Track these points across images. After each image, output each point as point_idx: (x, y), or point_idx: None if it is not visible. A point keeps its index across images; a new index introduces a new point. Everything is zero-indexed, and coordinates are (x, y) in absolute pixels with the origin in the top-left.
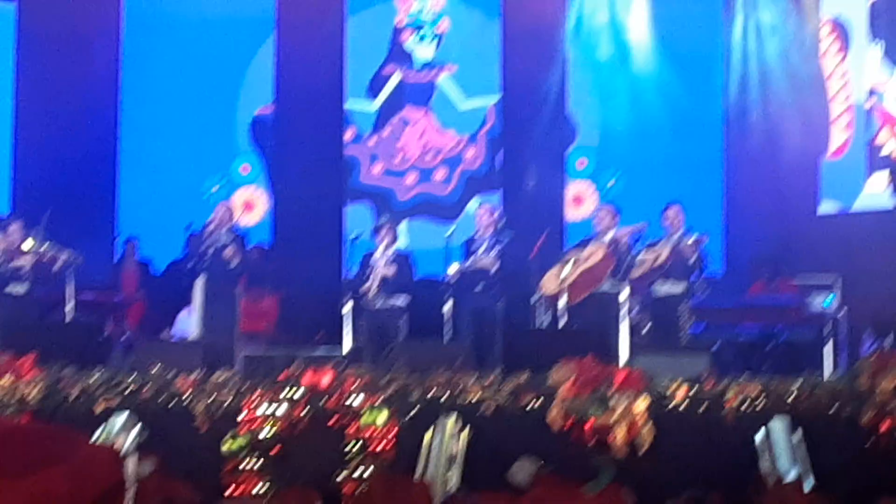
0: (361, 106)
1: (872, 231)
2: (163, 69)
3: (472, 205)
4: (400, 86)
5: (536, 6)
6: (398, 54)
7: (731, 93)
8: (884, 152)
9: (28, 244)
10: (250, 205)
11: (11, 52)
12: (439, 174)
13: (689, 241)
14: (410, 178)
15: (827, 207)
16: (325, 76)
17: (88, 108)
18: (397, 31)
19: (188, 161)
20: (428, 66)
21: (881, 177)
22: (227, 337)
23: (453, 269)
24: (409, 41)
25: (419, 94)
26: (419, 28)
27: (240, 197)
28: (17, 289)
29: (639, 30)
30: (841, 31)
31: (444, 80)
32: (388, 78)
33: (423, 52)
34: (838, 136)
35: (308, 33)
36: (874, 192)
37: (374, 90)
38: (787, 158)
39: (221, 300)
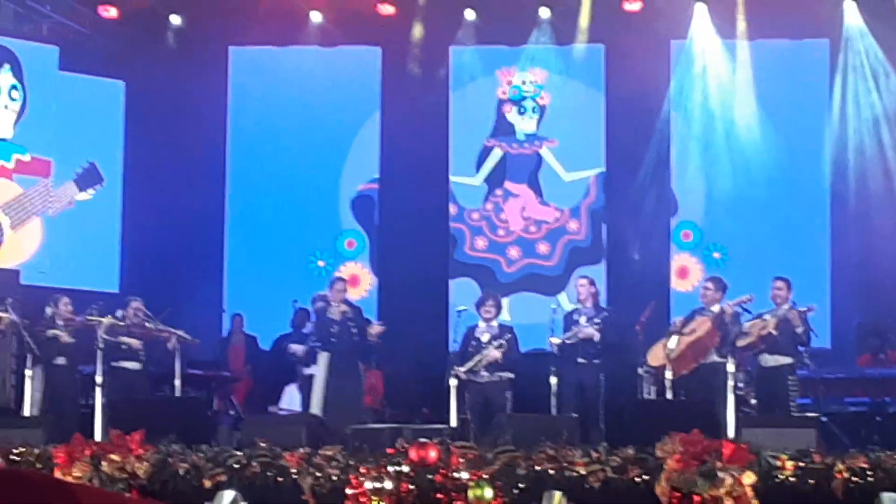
0: (464, 179)
1: None
2: (269, 145)
3: (575, 277)
4: (503, 159)
5: (638, 79)
6: (501, 128)
7: (835, 163)
8: None
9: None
10: (355, 280)
11: (121, 129)
12: (543, 247)
13: (798, 312)
14: (514, 252)
15: None
16: (430, 151)
17: (195, 184)
18: (500, 104)
19: (294, 237)
20: (530, 139)
21: None
22: (351, 412)
23: (556, 340)
24: (511, 114)
25: (521, 167)
26: (521, 101)
27: (345, 272)
28: (132, 365)
29: (742, 101)
30: None
31: (545, 153)
32: (490, 151)
33: (525, 125)
34: None
35: (413, 109)
36: None
37: (477, 164)
38: (892, 226)
39: (347, 375)
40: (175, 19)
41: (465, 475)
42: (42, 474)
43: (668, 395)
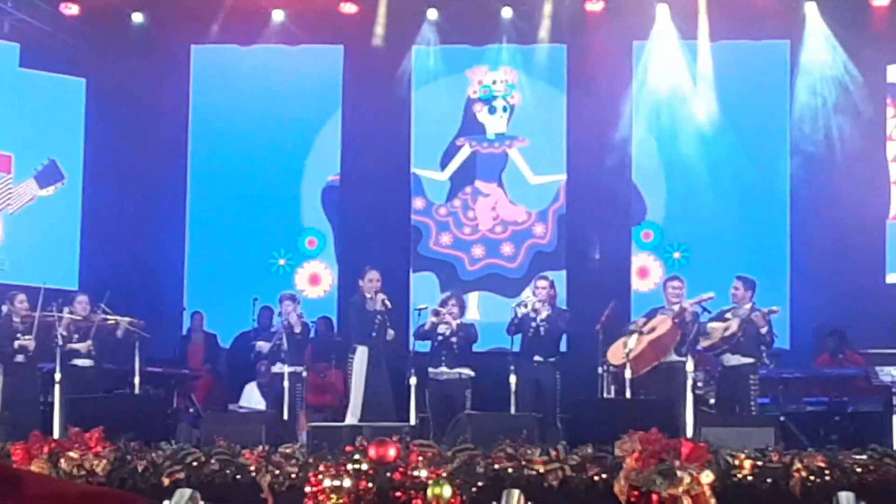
0: (430, 174)
1: None
2: (230, 144)
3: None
4: (472, 157)
5: (600, 79)
6: (470, 126)
7: (795, 163)
8: None
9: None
10: (316, 278)
11: (82, 127)
12: (507, 248)
13: (762, 313)
14: (478, 250)
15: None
16: (392, 148)
17: (156, 182)
18: (470, 103)
19: (255, 235)
20: (500, 138)
21: None
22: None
23: (516, 340)
24: (482, 113)
25: (492, 166)
26: (491, 100)
27: (305, 271)
28: (84, 362)
29: (703, 102)
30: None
31: (514, 153)
32: (459, 148)
33: (495, 124)
34: None
35: (375, 107)
36: None
37: (445, 160)
38: (852, 227)
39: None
40: (137, 17)
41: (424, 473)
42: None
43: (628, 394)
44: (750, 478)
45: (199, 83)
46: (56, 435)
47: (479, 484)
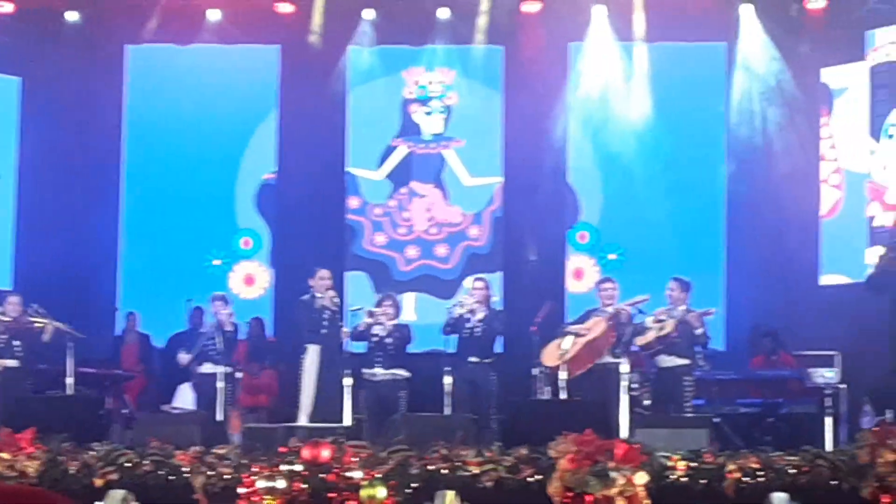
0: (366, 173)
1: (871, 302)
2: (166, 143)
3: (469, 280)
4: (408, 158)
5: (537, 81)
6: (407, 126)
7: (731, 165)
8: (876, 223)
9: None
10: (251, 279)
11: (15, 125)
12: (441, 249)
13: (697, 314)
14: (412, 251)
15: (829, 279)
16: (328, 148)
17: (91, 181)
18: (406, 103)
19: (190, 235)
20: (436, 139)
21: (876, 250)
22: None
23: (451, 341)
24: (418, 114)
25: (428, 167)
26: (427, 101)
27: (240, 271)
28: (11, 362)
29: (639, 103)
30: (829, 96)
31: (450, 154)
32: (395, 149)
33: (431, 125)
34: (829, 195)
35: (311, 107)
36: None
37: (380, 161)
38: (788, 227)
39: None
40: (71, 16)
41: (358, 474)
42: None
43: (563, 396)
44: (684, 479)
45: (134, 82)
46: None
47: (414, 485)
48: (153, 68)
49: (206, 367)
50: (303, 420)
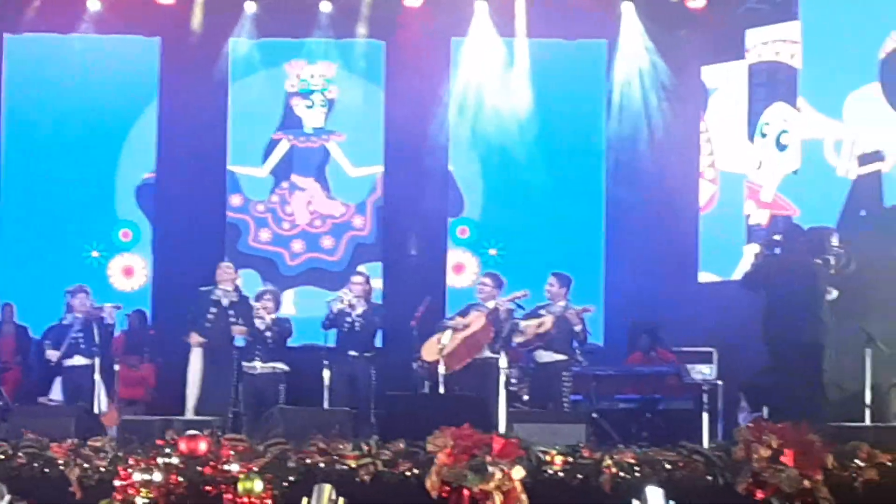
0: (249, 171)
1: (747, 300)
2: (44, 134)
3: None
4: (290, 152)
5: (418, 76)
6: (289, 121)
7: (610, 162)
8: (751, 221)
9: None
10: (130, 271)
11: None
12: (327, 241)
13: (575, 311)
14: (298, 245)
15: (707, 276)
16: (209, 141)
17: None
18: (288, 97)
19: (68, 226)
20: (317, 132)
21: (752, 248)
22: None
23: (331, 335)
24: (299, 107)
25: (309, 160)
26: (309, 94)
27: (119, 263)
28: None
29: (520, 100)
30: (705, 94)
31: (333, 147)
32: (277, 143)
33: (312, 118)
34: (706, 189)
35: (191, 99)
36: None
37: (264, 156)
38: (666, 224)
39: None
40: None
41: (235, 467)
42: None
43: (441, 390)
44: (561, 474)
45: (11, 73)
46: None
47: (291, 478)
48: (32, 58)
49: (77, 360)
50: (189, 414)
